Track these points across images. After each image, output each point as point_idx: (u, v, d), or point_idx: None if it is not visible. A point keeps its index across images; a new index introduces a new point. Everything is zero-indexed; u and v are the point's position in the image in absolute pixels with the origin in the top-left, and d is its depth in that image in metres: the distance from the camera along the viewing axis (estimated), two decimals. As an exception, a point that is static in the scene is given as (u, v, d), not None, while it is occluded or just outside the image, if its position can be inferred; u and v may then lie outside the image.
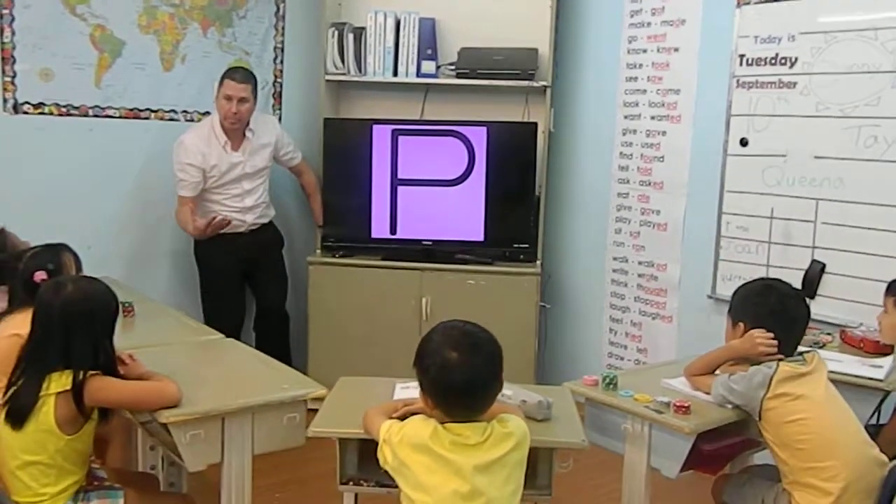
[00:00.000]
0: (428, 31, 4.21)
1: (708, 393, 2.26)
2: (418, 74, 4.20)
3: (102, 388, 2.01)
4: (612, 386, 2.31)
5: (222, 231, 3.84)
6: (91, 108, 3.85)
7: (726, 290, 3.66)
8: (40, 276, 2.49)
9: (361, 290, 4.13)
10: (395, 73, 4.20)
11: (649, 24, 3.96)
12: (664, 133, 3.93)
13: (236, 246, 3.93)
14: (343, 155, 4.19)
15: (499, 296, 4.04)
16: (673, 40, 3.87)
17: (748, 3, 3.53)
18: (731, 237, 3.67)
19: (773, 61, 3.46)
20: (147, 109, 3.99)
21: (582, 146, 4.31)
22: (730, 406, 2.21)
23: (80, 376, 2.00)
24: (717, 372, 2.32)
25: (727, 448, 2.36)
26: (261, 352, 2.71)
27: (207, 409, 2.06)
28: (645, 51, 3.99)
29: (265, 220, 4.06)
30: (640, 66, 4.01)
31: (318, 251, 4.25)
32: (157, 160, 3.99)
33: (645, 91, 4.00)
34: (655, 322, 4.05)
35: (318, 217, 4.24)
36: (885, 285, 2.78)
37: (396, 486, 1.97)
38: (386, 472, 1.92)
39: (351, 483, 2.08)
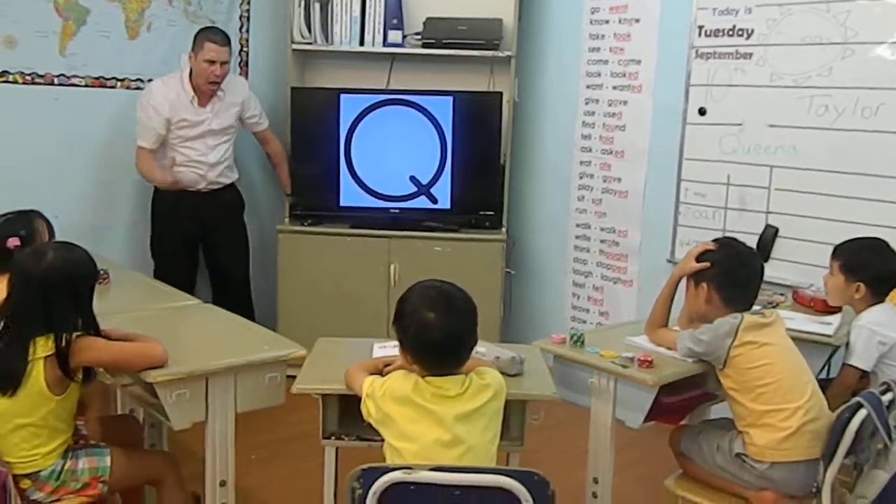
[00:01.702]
0: (393, 1, 4.25)
1: (670, 348, 2.39)
2: (385, 44, 4.24)
3: (89, 347, 2.06)
4: (579, 343, 2.42)
5: (180, 188, 3.88)
6: (56, 76, 3.83)
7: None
8: (13, 242, 2.52)
9: (331, 258, 4.20)
10: (362, 43, 4.24)
11: (612, -6, 4.05)
12: (625, 103, 4.04)
13: (195, 205, 3.94)
14: (310, 124, 4.23)
15: (465, 262, 4.13)
16: (634, 11, 3.96)
17: (707, -24, 3.63)
18: (689, 203, 3.80)
19: (730, 33, 3.58)
20: (113, 78, 3.99)
21: (546, 116, 4.40)
22: (691, 360, 2.34)
23: (63, 340, 2.04)
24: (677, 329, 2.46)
25: (686, 401, 2.49)
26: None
27: (192, 369, 2.12)
28: (607, 21, 4.08)
29: (227, 181, 4.07)
30: (603, 36, 4.11)
31: (287, 220, 4.30)
32: (122, 129, 3.99)
33: (607, 62, 4.10)
34: (616, 286, 4.18)
35: (287, 186, 4.28)
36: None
37: (375, 440, 2.08)
38: (366, 426, 2.03)
39: (333, 438, 2.17)
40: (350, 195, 4.24)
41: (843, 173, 3.27)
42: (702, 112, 3.70)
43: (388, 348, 2.29)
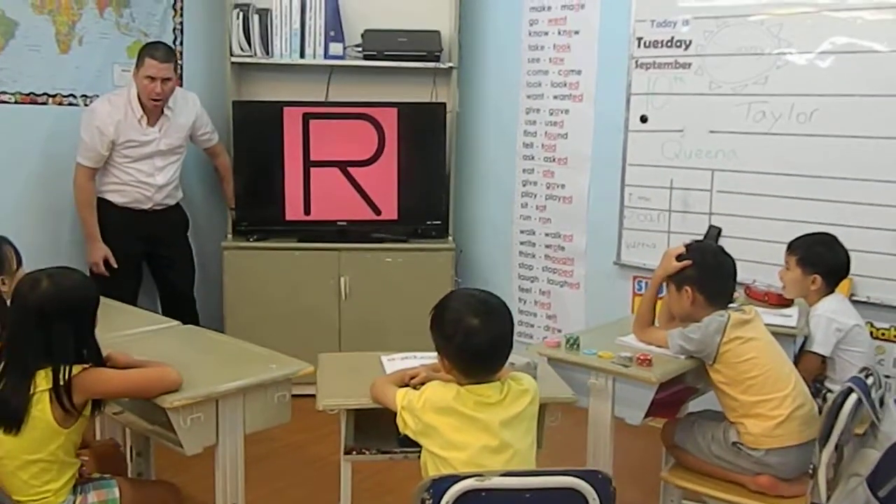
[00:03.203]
0: (332, 13, 4.24)
1: (661, 346, 2.51)
2: (326, 56, 4.23)
3: (98, 380, 1.99)
4: (575, 346, 2.50)
5: (125, 205, 3.78)
6: (-16, 93, 3.63)
7: (630, 257, 4.00)
8: (-18, 269, 2.40)
9: (279, 274, 4.14)
10: (303, 55, 4.21)
11: (549, 7, 4.18)
12: (567, 111, 4.17)
13: (138, 224, 3.83)
14: (253, 138, 4.16)
15: (415, 272, 4.17)
16: (573, 24, 4.10)
17: (644, -10, 3.81)
18: (633, 207, 3.97)
19: (668, 44, 3.76)
20: (44, 94, 3.80)
21: (487, 125, 4.49)
22: (683, 356, 2.46)
23: (63, 372, 1.96)
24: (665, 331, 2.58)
25: (673, 395, 2.63)
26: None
27: (207, 391, 2.08)
28: (546, 33, 4.20)
29: (172, 202, 3.98)
30: (542, 47, 4.23)
31: (230, 236, 4.22)
32: (56, 147, 3.82)
33: (547, 72, 4.22)
34: (563, 289, 4.31)
35: (231, 200, 4.20)
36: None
37: (397, 453, 2.11)
38: (384, 439, 2.05)
39: (354, 452, 2.16)
40: (295, 209, 4.20)
41: (782, 175, 3.49)
42: (643, 119, 3.87)
43: (397, 360, 2.31)
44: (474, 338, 1.84)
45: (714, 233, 3.71)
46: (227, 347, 2.54)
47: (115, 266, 3.75)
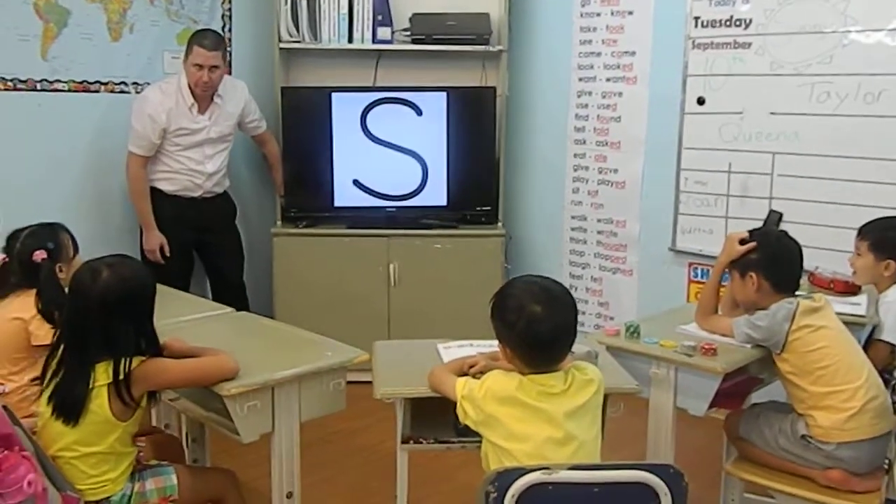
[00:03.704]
0: (380, -3, 4.20)
1: (725, 335, 2.42)
2: (374, 41, 4.18)
3: (159, 371, 1.97)
4: (635, 335, 2.43)
5: (175, 193, 3.79)
6: (38, 81, 3.65)
7: (686, 243, 3.89)
8: (40, 255, 2.42)
9: (328, 260, 4.13)
10: (351, 40, 4.18)
11: (602, -12, 4.08)
12: (620, 94, 4.08)
13: (189, 213, 3.85)
14: (302, 124, 4.15)
15: (465, 258, 4.13)
16: (627, 4, 4.00)
17: (702, -32, 3.69)
18: (689, 192, 3.86)
19: (727, 23, 3.64)
20: (97, 82, 3.82)
21: (538, 109, 4.41)
22: (749, 345, 2.37)
23: (124, 365, 1.94)
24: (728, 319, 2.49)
25: (737, 386, 2.54)
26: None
27: (263, 379, 2.05)
28: (598, 14, 4.11)
29: (220, 190, 3.99)
30: (594, 28, 4.13)
31: (280, 222, 4.21)
32: (108, 134, 3.85)
33: (600, 54, 4.13)
34: (616, 276, 4.22)
35: (280, 187, 4.19)
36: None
37: (454, 442, 2.07)
38: (438, 428, 2.01)
39: (412, 441, 2.12)
40: (345, 195, 4.17)
41: (847, 157, 3.35)
42: (700, 101, 3.76)
43: (454, 348, 2.26)
44: (537, 325, 1.79)
45: (775, 218, 3.60)
46: (281, 334, 2.52)
47: (169, 254, 3.77)
